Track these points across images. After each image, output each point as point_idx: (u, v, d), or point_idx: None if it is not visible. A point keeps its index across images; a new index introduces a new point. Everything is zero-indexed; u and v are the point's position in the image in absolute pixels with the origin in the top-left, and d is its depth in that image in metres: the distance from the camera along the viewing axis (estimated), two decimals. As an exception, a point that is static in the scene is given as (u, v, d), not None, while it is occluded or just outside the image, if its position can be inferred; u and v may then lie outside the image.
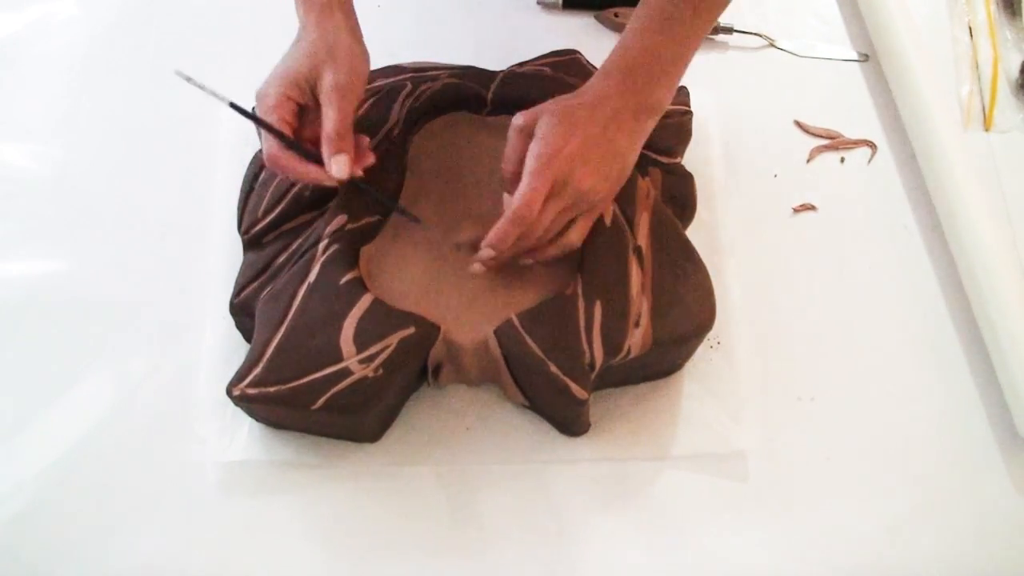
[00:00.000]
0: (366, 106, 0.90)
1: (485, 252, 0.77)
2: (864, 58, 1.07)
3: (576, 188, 0.76)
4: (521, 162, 0.76)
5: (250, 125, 0.79)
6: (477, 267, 0.80)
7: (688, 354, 0.85)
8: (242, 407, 0.78)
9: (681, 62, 0.80)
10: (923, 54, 1.02)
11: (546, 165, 0.74)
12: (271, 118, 0.76)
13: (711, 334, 0.84)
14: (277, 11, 0.82)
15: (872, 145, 1.02)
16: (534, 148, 0.75)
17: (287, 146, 0.76)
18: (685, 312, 0.81)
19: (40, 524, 0.78)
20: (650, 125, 0.81)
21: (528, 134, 0.77)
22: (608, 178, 0.78)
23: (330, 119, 0.75)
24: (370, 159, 0.79)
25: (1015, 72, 1.06)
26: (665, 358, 0.83)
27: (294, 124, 0.76)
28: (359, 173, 0.77)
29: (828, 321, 0.91)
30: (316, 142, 0.76)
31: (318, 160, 0.75)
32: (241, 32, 1.04)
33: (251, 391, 0.75)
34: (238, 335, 0.85)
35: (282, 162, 0.76)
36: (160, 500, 0.80)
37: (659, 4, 0.78)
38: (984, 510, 0.82)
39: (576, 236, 0.79)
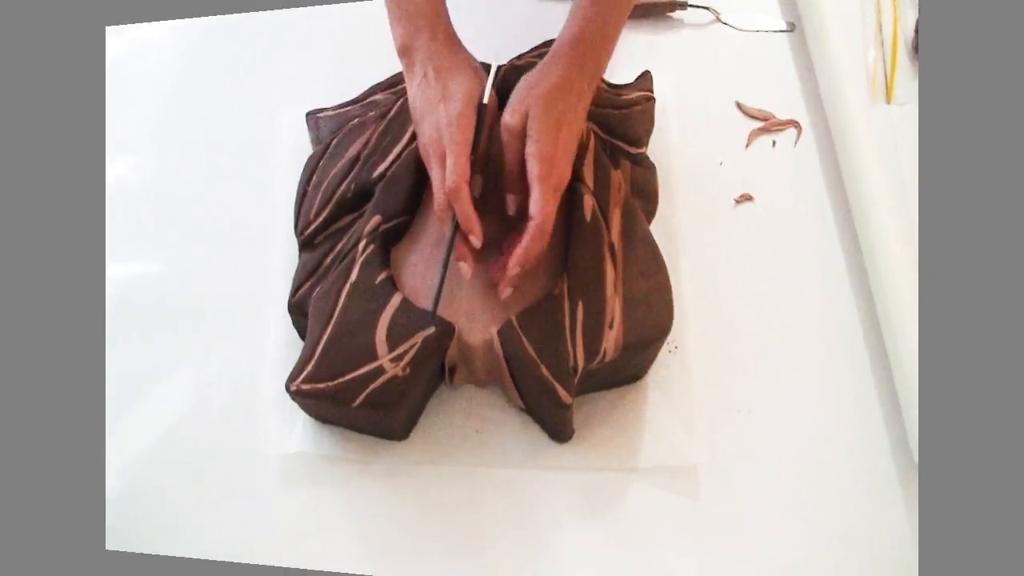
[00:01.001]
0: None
1: (514, 271, 0.79)
2: (791, 27, 1.04)
3: (563, 176, 0.80)
4: (520, 162, 0.79)
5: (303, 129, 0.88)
6: (508, 291, 0.81)
7: (651, 358, 0.85)
8: (297, 402, 0.82)
9: (616, 29, 0.84)
10: (839, 20, 0.98)
11: (549, 170, 0.77)
12: (464, 137, 0.79)
13: (669, 337, 0.83)
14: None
15: (798, 126, 0.98)
16: (533, 150, 0.78)
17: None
18: (649, 314, 0.81)
19: (140, 501, 0.84)
20: (592, 93, 0.84)
21: (521, 134, 0.79)
22: (573, 158, 0.82)
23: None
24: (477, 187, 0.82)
25: (911, 32, 1.01)
26: (632, 362, 0.83)
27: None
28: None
29: (764, 324, 0.88)
30: None
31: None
32: (312, 53, 1.09)
33: (305, 387, 0.79)
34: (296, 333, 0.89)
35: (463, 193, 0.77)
36: (231, 487, 0.84)
37: None
38: (885, 536, 0.80)
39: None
